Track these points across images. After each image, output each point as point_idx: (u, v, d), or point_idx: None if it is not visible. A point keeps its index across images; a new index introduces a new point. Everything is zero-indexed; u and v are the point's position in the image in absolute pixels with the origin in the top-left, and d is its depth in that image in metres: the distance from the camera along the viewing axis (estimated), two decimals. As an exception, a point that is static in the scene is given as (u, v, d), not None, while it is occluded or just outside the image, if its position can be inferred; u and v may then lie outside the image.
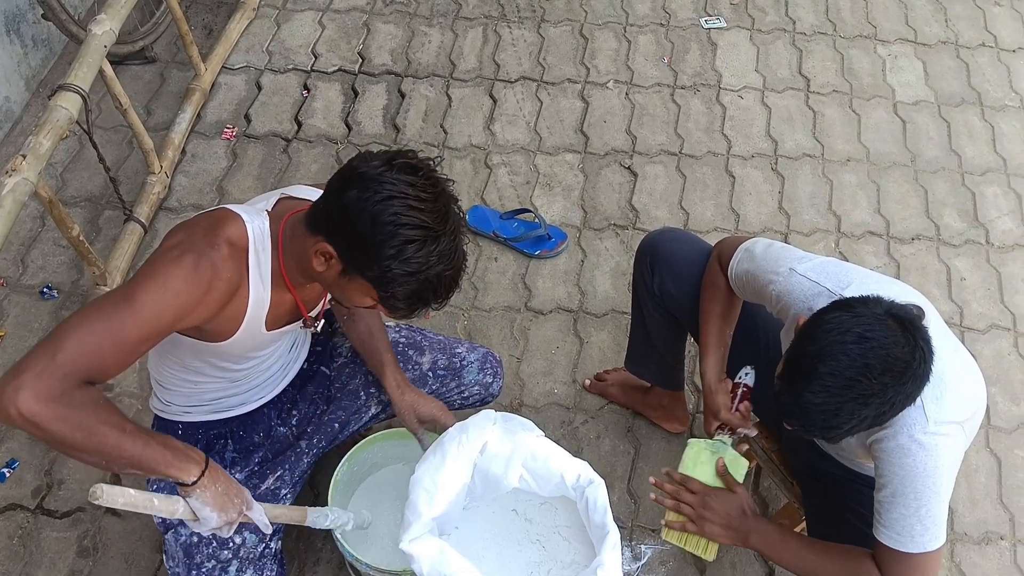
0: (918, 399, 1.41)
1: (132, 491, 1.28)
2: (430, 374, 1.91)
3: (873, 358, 1.29)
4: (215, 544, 1.63)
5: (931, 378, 1.40)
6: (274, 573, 1.70)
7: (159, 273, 1.31)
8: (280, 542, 1.75)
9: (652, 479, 1.74)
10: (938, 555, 1.45)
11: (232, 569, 1.63)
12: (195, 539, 1.63)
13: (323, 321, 1.68)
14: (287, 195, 1.53)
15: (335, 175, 1.37)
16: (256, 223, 1.44)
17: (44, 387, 1.19)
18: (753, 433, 1.82)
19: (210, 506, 1.36)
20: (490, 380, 1.97)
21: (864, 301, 1.36)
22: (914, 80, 3.29)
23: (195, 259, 1.33)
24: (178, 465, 1.32)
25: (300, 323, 1.63)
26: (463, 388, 1.95)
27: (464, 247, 1.40)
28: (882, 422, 1.37)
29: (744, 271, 1.68)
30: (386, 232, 1.29)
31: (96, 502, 1.24)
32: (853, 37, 3.43)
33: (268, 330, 1.54)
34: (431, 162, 1.37)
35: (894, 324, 1.31)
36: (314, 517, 1.65)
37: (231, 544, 1.64)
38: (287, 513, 1.61)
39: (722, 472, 1.71)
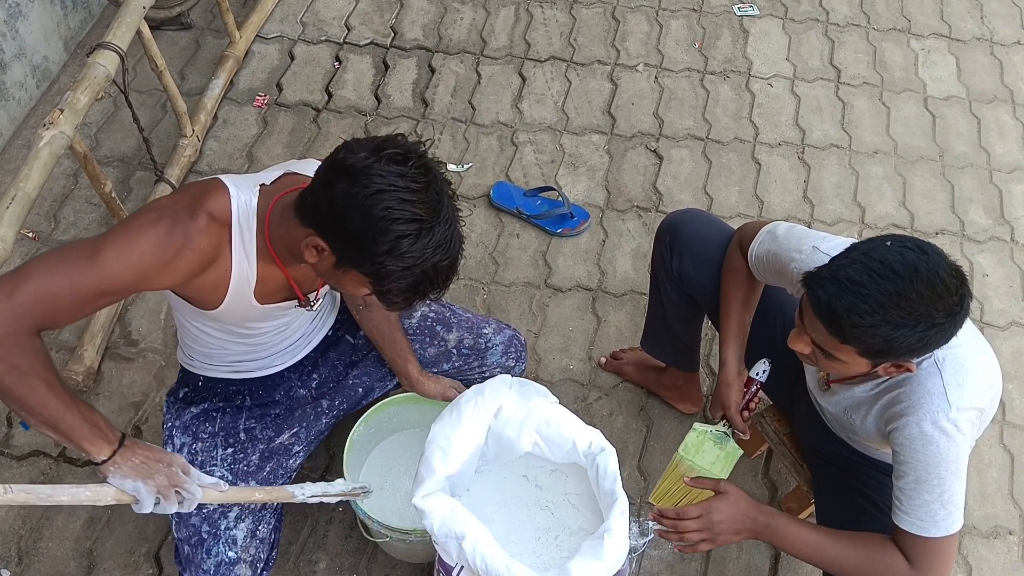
0: (941, 384, 1.41)
1: (43, 488, 1.24)
2: (454, 351, 1.92)
3: (924, 268, 1.29)
4: None
5: (953, 364, 1.41)
6: (271, 526, 1.72)
7: (130, 231, 1.32)
8: None
9: (651, 516, 1.66)
10: (958, 536, 1.47)
11: (231, 515, 1.66)
12: None
13: (320, 300, 1.67)
14: (291, 171, 1.52)
15: (322, 166, 1.33)
16: (243, 198, 1.43)
17: None
18: (745, 437, 1.82)
19: (131, 478, 1.32)
20: (512, 364, 1.99)
21: None
22: (946, 75, 3.27)
23: (169, 225, 1.34)
24: (91, 439, 1.29)
25: (295, 302, 1.61)
26: (484, 369, 1.96)
27: (460, 232, 1.35)
28: (890, 350, 1.33)
29: (766, 251, 1.69)
30: (378, 228, 1.25)
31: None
32: (887, 30, 3.41)
33: (261, 304, 1.54)
34: (421, 146, 1.33)
35: (950, 262, 1.33)
36: (303, 491, 1.62)
37: None
38: (268, 493, 1.58)
39: (693, 483, 1.66)
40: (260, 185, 1.46)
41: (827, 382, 1.67)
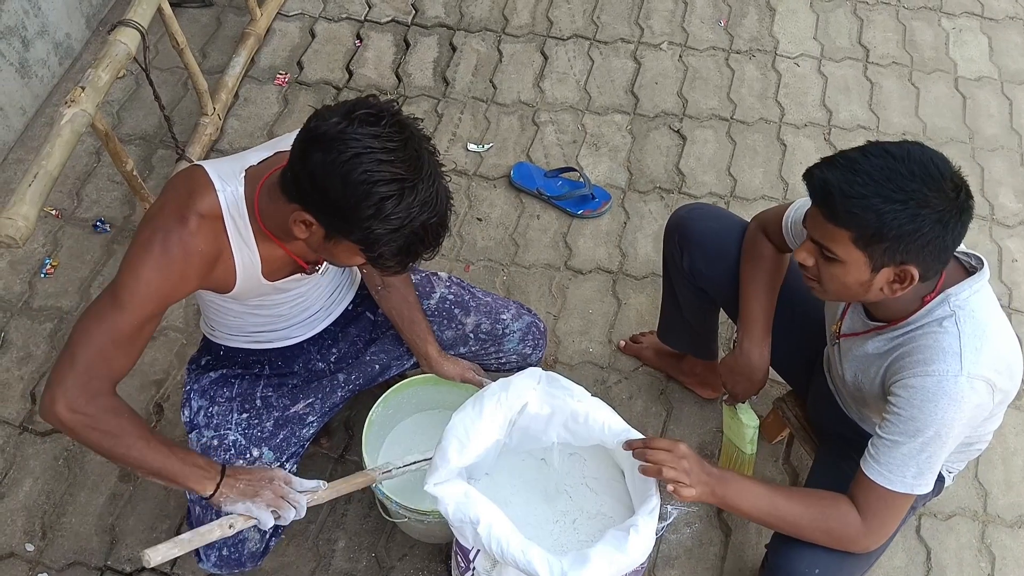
0: (957, 344, 1.38)
1: (183, 537, 1.45)
2: (471, 335, 1.91)
3: (918, 153, 1.34)
4: (233, 452, 1.69)
5: (975, 328, 1.38)
6: None
7: (133, 264, 1.38)
8: (296, 466, 1.79)
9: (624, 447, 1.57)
10: (914, 498, 1.46)
11: None
12: (214, 443, 1.70)
13: (326, 264, 1.66)
14: (280, 150, 1.50)
15: (297, 138, 1.32)
16: (229, 189, 1.44)
17: (72, 398, 1.36)
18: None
19: (240, 501, 1.48)
20: (529, 352, 1.97)
21: None
22: (978, 55, 3.19)
23: (163, 241, 1.37)
24: (195, 479, 1.46)
25: (302, 273, 1.62)
26: (501, 355, 1.95)
27: (446, 187, 1.34)
28: (883, 232, 1.31)
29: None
30: (360, 193, 1.25)
31: (151, 566, 1.42)
32: (917, 8, 3.33)
33: (271, 281, 1.56)
34: (394, 104, 1.31)
35: (947, 159, 1.35)
36: (382, 474, 1.71)
37: (248, 456, 1.70)
38: (351, 482, 1.66)
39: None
40: (246, 169, 1.46)
41: (838, 335, 1.64)
